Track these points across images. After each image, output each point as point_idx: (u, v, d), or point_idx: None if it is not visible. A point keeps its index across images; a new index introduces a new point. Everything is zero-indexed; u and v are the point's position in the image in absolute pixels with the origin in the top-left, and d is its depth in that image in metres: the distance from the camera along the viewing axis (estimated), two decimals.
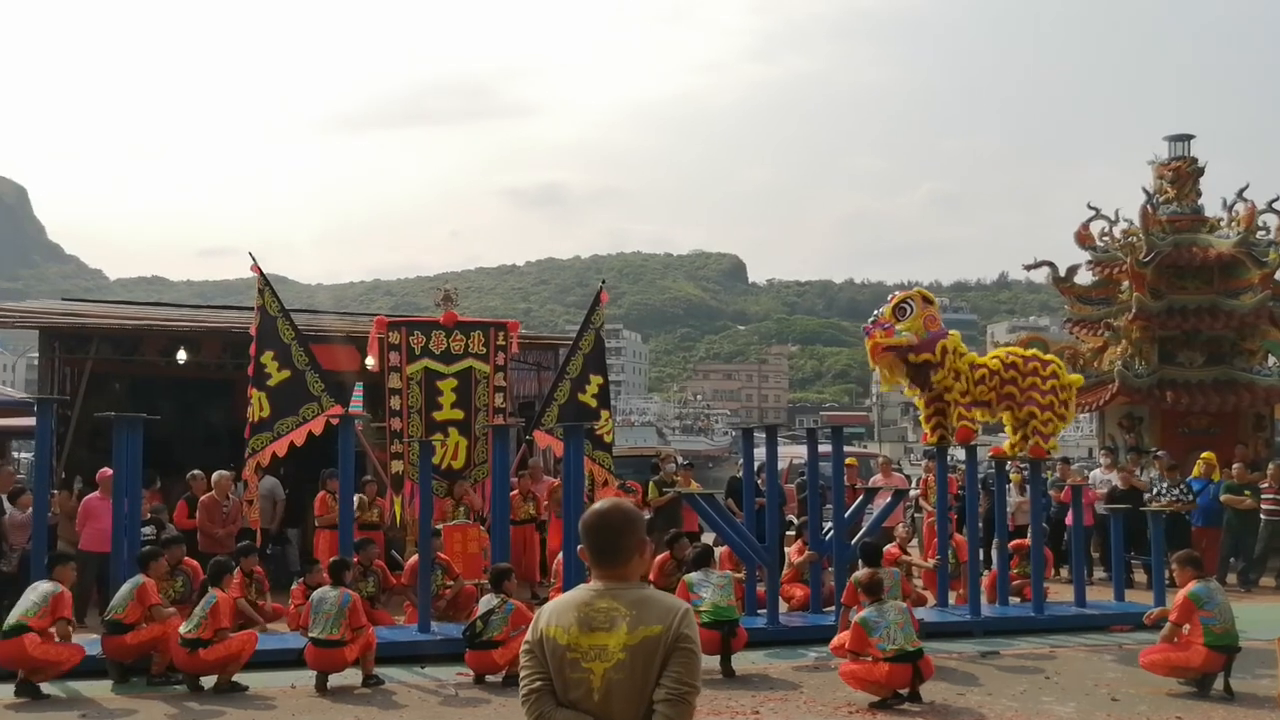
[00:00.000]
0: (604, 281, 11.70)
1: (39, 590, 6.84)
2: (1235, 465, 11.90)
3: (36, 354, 12.53)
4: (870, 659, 6.50)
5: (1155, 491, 11.78)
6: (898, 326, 9.24)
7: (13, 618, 6.72)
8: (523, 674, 2.44)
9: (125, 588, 7.20)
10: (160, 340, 11.81)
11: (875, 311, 9.63)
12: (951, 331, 9.61)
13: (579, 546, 2.64)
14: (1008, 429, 9.89)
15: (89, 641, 7.25)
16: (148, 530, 9.09)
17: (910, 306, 9.31)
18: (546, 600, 8.63)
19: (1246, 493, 11.60)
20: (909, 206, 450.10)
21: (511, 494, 9.42)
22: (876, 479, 12.12)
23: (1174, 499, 11.50)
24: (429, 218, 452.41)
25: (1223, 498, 11.64)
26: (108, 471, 8.72)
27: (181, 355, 11.53)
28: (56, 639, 6.73)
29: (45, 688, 6.71)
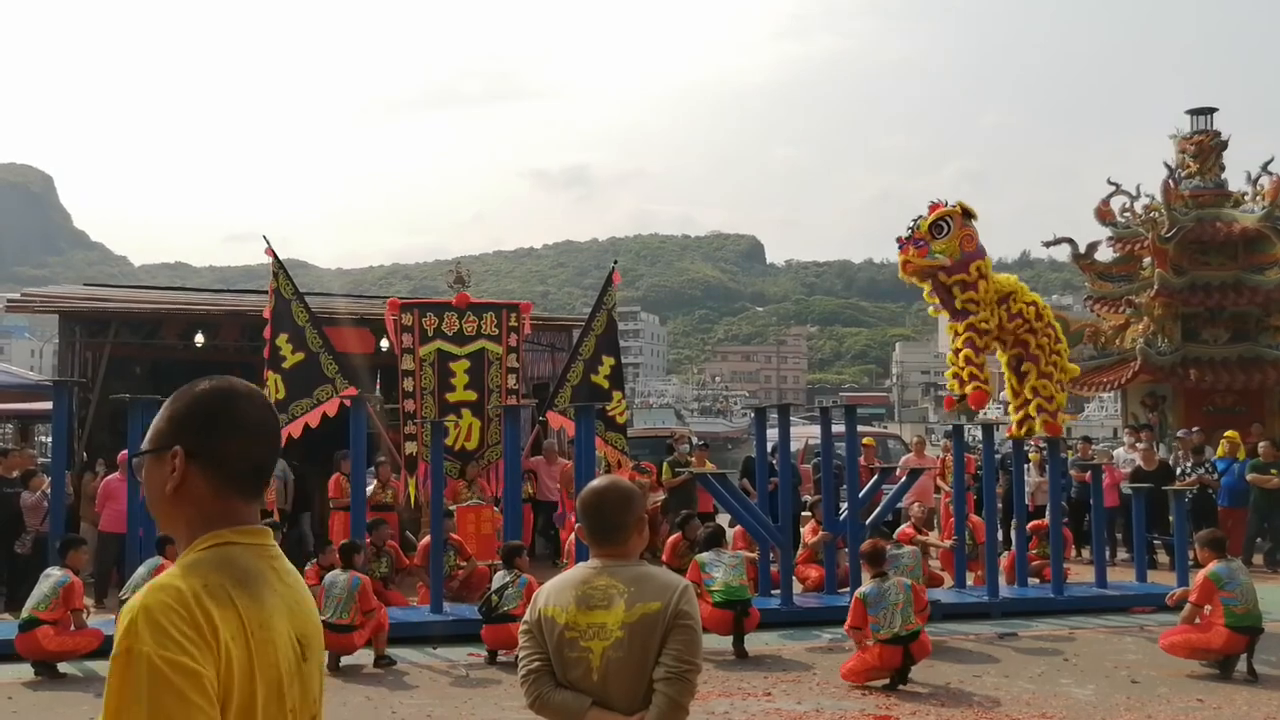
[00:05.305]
0: (616, 262, 11.60)
1: (50, 580, 6.89)
2: (1262, 443, 11.67)
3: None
4: (868, 643, 6.37)
5: (1180, 471, 11.59)
6: (932, 246, 8.56)
7: (27, 609, 6.80)
8: (521, 654, 2.40)
9: (143, 569, 7.24)
10: (179, 324, 11.89)
11: (910, 223, 8.76)
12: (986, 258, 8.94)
13: (576, 525, 2.58)
14: (1010, 408, 9.63)
15: (106, 623, 7.32)
16: None
17: (948, 225, 8.53)
18: None
19: (1273, 471, 11.37)
20: (935, 186, 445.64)
21: None
22: (909, 459, 11.97)
23: (1198, 478, 11.31)
24: (453, 201, 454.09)
25: (1249, 476, 11.43)
26: (127, 454, 8.79)
27: (199, 339, 11.60)
28: (72, 627, 6.80)
29: (62, 667, 6.81)
